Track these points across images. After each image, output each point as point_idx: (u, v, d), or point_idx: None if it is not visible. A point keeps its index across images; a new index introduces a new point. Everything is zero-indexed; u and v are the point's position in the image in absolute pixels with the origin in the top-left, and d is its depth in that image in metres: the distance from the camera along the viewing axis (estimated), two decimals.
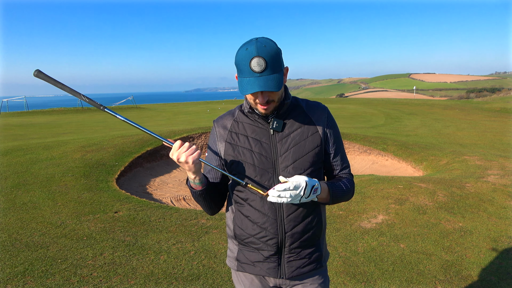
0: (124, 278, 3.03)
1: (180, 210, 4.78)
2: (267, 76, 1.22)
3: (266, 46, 1.22)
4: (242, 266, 1.49)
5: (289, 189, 1.21)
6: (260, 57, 1.20)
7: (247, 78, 1.24)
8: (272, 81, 1.22)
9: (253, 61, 1.20)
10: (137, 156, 8.03)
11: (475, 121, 18.60)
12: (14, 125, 17.03)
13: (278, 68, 1.25)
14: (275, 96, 1.32)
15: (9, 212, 4.54)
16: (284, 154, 1.38)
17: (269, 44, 1.24)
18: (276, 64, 1.24)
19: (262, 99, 1.29)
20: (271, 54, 1.22)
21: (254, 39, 1.25)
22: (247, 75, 1.24)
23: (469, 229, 4.04)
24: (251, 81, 1.22)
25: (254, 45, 1.22)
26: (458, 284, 3.00)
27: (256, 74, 1.21)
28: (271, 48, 1.23)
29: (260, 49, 1.21)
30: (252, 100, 1.33)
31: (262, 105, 1.32)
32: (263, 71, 1.21)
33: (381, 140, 10.39)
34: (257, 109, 1.37)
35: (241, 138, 1.42)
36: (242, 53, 1.23)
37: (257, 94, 1.29)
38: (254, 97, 1.31)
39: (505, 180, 5.75)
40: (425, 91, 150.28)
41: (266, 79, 1.22)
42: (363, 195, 5.15)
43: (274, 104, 1.35)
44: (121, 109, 30.98)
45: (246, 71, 1.23)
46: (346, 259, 3.39)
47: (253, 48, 1.21)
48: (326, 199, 1.36)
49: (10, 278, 2.98)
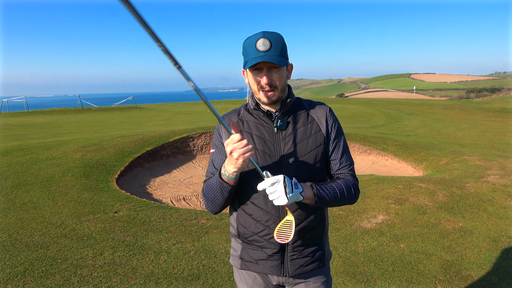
0: (124, 278, 3.03)
1: (180, 210, 4.78)
2: (271, 55, 1.28)
3: (273, 33, 1.32)
4: (246, 264, 1.50)
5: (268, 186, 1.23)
6: (266, 38, 1.28)
7: (252, 57, 1.30)
8: (275, 57, 1.29)
9: (258, 41, 1.28)
10: (137, 156, 8.03)
11: (475, 121, 18.60)
12: (14, 125, 17.03)
13: (282, 53, 1.32)
14: (278, 81, 1.35)
15: (9, 212, 4.54)
16: (287, 152, 1.40)
17: (275, 33, 1.33)
18: (281, 49, 1.31)
19: (266, 79, 1.32)
20: (276, 39, 1.30)
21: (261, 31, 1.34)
22: (252, 55, 1.30)
23: (469, 229, 4.04)
24: (255, 59, 1.29)
25: (261, 31, 1.32)
26: (458, 284, 3.00)
27: (261, 53, 1.28)
28: (276, 35, 1.32)
29: (266, 33, 1.31)
30: (257, 86, 1.36)
31: (266, 90, 1.35)
32: (267, 50, 1.28)
33: (381, 140, 10.39)
34: (260, 99, 1.39)
35: (245, 135, 1.44)
36: (249, 38, 1.33)
37: (261, 74, 1.33)
38: (259, 78, 1.34)
39: (505, 180, 5.75)
40: (425, 91, 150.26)
41: (270, 57, 1.28)
42: (363, 195, 5.15)
43: (278, 92, 1.37)
44: (121, 109, 30.99)
45: (252, 51, 1.30)
46: (346, 259, 3.39)
47: (260, 33, 1.31)
48: (311, 199, 1.33)
49: (10, 278, 2.98)
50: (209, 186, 1.40)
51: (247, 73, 1.39)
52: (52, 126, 16.68)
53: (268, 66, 1.32)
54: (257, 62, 1.27)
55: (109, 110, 30.09)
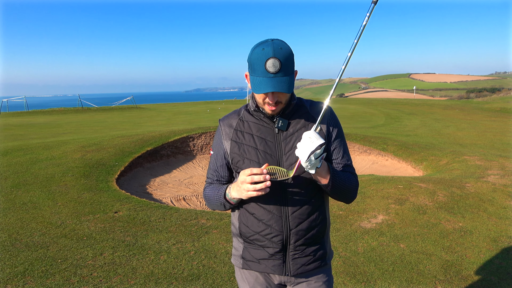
0: (124, 278, 3.03)
1: (180, 210, 4.78)
2: (280, 77, 1.25)
3: (282, 48, 1.25)
4: (247, 263, 1.50)
5: (312, 136, 1.21)
6: (276, 58, 1.23)
7: (260, 78, 1.27)
8: (284, 83, 1.26)
9: (268, 61, 1.23)
10: (137, 156, 8.03)
11: (475, 121, 18.60)
12: (14, 125, 17.02)
13: (290, 71, 1.28)
14: (284, 98, 1.35)
15: (9, 212, 4.54)
16: (288, 152, 1.40)
17: (285, 47, 1.26)
18: (290, 67, 1.28)
19: (272, 99, 1.32)
20: (286, 56, 1.25)
21: (269, 40, 1.28)
22: (260, 75, 1.26)
23: (469, 229, 4.04)
24: (264, 81, 1.25)
25: (271, 46, 1.24)
26: (458, 284, 3.00)
27: (270, 75, 1.24)
28: (286, 51, 1.26)
29: (276, 50, 1.23)
30: (261, 100, 1.35)
31: (271, 106, 1.34)
32: (277, 72, 1.24)
33: (381, 140, 10.39)
34: (264, 108, 1.39)
35: (246, 136, 1.44)
36: (258, 52, 1.25)
37: (268, 93, 1.32)
38: (264, 96, 1.33)
39: (505, 180, 5.75)
40: (425, 91, 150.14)
41: (280, 81, 1.25)
42: (363, 195, 5.15)
43: (282, 105, 1.38)
44: (121, 109, 30.98)
45: (261, 70, 1.26)
46: (346, 259, 3.39)
47: (269, 49, 1.24)
48: (325, 178, 1.33)
49: (10, 278, 2.98)
50: (211, 196, 1.47)
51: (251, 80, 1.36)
52: (52, 126, 16.68)
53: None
54: (267, 91, 1.24)
55: (109, 110, 30.09)
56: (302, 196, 1.40)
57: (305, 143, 1.21)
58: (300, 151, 1.22)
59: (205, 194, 1.52)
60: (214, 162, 1.53)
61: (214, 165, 1.53)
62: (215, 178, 1.53)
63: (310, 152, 1.18)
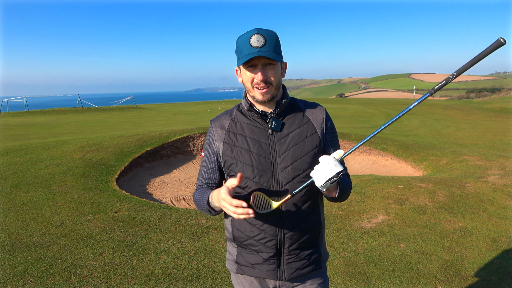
0: (124, 278, 3.03)
1: (180, 210, 4.78)
2: (266, 50, 1.25)
3: (266, 29, 1.30)
4: (242, 268, 1.48)
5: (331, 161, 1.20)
6: (260, 34, 1.25)
7: (246, 53, 1.26)
8: (270, 52, 1.26)
9: (253, 37, 1.25)
10: (137, 156, 8.03)
11: (475, 121, 18.59)
12: (14, 125, 17.02)
13: (277, 49, 1.29)
14: (274, 77, 1.31)
15: (9, 212, 4.54)
16: (283, 154, 1.36)
17: (269, 30, 1.30)
18: (276, 45, 1.28)
19: (261, 76, 1.28)
20: (271, 35, 1.28)
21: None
22: (246, 51, 1.26)
23: (469, 229, 4.04)
24: (250, 54, 1.25)
25: (254, 28, 1.29)
26: (458, 284, 3.00)
27: (255, 49, 1.25)
28: (271, 32, 1.30)
29: (260, 30, 1.28)
30: (250, 83, 1.32)
31: (261, 89, 1.31)
32: (262, 46, 1.25)
33: (381, 140, 10.39)
34: (255, 96, 1.35)
35: (239, 138, 1.40)
36: (242, 35, 1.29)
37: (256, 70, 1.29)
38: (253, 77, 1.30)
39: (505, 180, 5.75)
40: (425, 91, 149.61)
41: (265, 52, 1.25)
42: (363, 195, 5.15)
43: (272, 89, 1.33)
44: (121, 109, 30.98)
45: (246, 48, 1.26)
46: (346, 259, 3.39)
47: (253, 29, 1.29)
48: (334, 192, 1.32)
49: (10, 278, 2.98)
50: (198, 201, 1.44)
51: (241, 71, 1.35)
52: (52, 126, 16.68)
53: (263, 63, 1.28)
54: (252, 57, 1.23)
55: (109, 110, 30.08)
56: (296, 200, 1.38)
57: (323, 169, 1.19)
58: (317, 176, 1.20)
59: (194, 197, 1.49)
60: (205, 164, 1.49)
61: (204, 168, 1.49)
62: (205, 181, 1.49)
63: (327, 179, 1.18)
